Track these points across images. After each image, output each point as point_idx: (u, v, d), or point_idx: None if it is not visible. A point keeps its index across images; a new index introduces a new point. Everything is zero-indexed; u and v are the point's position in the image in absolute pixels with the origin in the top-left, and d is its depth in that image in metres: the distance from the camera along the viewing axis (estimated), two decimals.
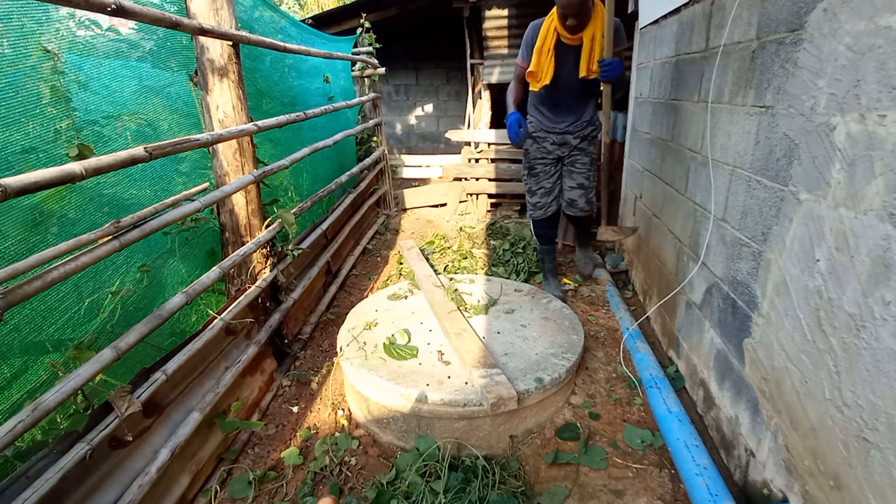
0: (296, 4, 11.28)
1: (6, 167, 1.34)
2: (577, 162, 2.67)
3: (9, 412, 1.30)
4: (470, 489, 1.55)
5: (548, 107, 2.62)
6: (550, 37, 2.34)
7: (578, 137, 2.62)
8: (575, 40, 2.31)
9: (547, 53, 2.37)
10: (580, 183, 2.68)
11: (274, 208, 2.29)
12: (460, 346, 1.94)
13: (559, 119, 2.60)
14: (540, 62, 2.39)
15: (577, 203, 2.72)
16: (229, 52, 1.89)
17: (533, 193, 2.79)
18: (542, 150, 2.69)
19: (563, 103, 2.56)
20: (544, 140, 2.67)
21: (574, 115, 2.58)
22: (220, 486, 1.67)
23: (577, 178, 2.69)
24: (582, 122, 2.59)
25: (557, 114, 2.60)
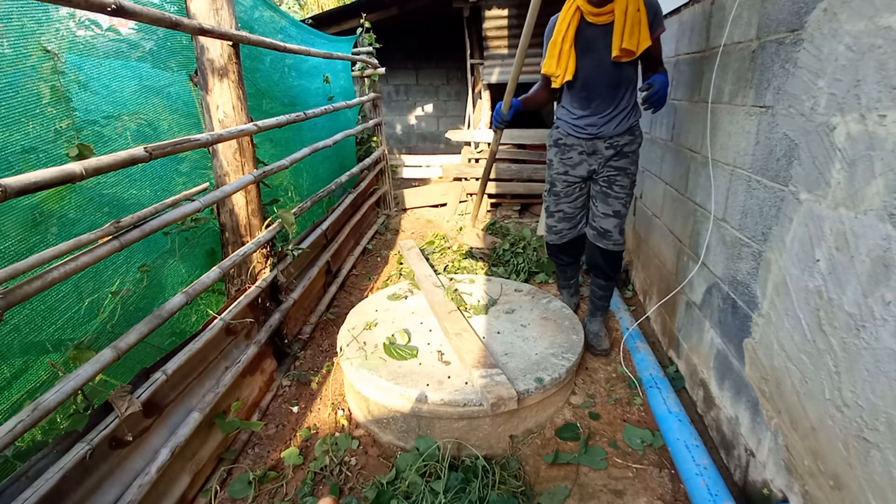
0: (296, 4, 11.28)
1: (6, 167, 1.34)
2: (614, 184, 2.12)
3: (9, 412, 1.29)
4: (470, 489, 1.55)
5: (575, 103, 2.13)
6: (571, 21, 1.92)
7: (613, 148, 2.08)
8: (603, 16, 1.88)
9: (564, 43, 1.96)
10: (616, 210, 2.14)
11: (274, 208, 2.29)
12: (460, 346, 1.94)
13: (589, 117, 2.09)
14: (557, 55, 1.98)
15: (610, 234, 2.18)
16: (229, 52, 1.89)
17: (550, 214, 2.32)
18: (567, 162, 2.19)
19: (592, 98, 2.06)
20: (570, 149, 2.16)
21: (608, 114, 2.06)
22: (220, 486, 1.67)
23: (614, 205, 2.14)
24: (619, 124, 2.05)
25: (586, 110, 2.09)
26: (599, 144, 2.09)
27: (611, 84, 2.00)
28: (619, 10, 1.82)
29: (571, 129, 2.15)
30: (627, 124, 2.06)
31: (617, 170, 2.11)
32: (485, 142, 4.94)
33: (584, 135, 2.11)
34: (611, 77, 1.98)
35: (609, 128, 2.06)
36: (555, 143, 2.24)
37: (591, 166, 2.15)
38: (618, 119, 2.05)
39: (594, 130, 2.08)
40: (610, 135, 2.07)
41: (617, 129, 2.05)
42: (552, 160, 2.26)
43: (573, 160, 2.18)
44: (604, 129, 2.07)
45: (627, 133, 2.08)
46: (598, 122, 2.07)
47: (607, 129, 2.06)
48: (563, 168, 2.21)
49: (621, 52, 1.84)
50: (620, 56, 1.86)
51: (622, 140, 2.08)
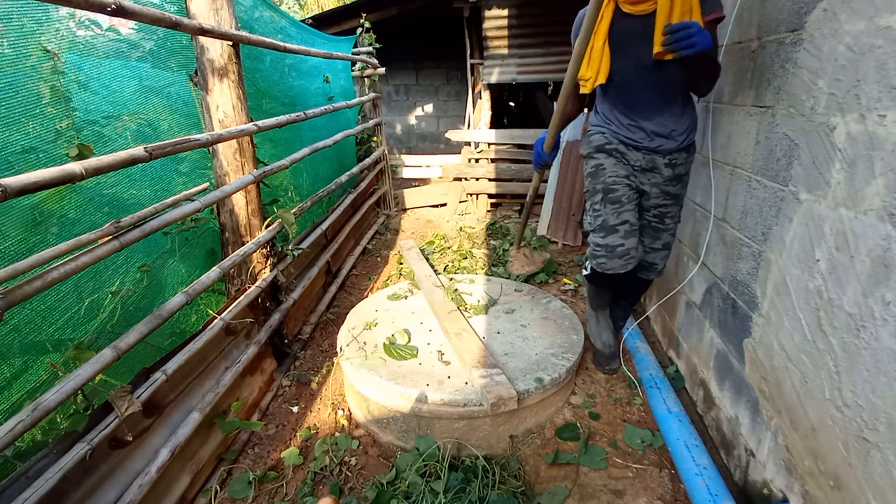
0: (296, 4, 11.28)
1: (6, 167, 1.34)
2: (667, 216, 1.82)
3: (9, 412, 1.29)
4: (470, 489, 1.55)
5: (617, 110, 1.75)
6: (604, 12, 1.56)
7: (672, 167, 1.72)
8: (643, 4, 1.52)
9: (596, 39, 1.59)
10: (667, 243, 1.89)
11: (274, 208, 2.29)
12: (460, 346, 1.94)
13: (637, 129, 1.71)
14: (588, 55, 1.60)
15: (656, 267, 1.94)
16: (229, 52, 1.89)
17: (609, 230, 1.76)
18: (625, 164, 1.76)
19: (633, 106, 1.70)
20: (622, 156, 1.77)
21: (661, 124, 1.67)
22: (220, 486, 1.67)
23: (665, 237, 1.87)
24: (679, 137, 1.69)
25: (632, 119, 1.72)
26: (659, 161, 1.71)
27: (655, 89, 1.64)
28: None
29: (623, 136, 1.74)
30: (688, 138, 1.70)
31: (671, 198, 1.78)
32: (485, 142, 4.94)
33: (643, 145, 1.71)
34: (654, 80, 1.61)
35: (670, 142, 1.68)
36: (599, 150, 1.79)
37: (642, 184, 1.77)
38: (678, 130, 1.68)
39: (649, 143, 1.70)
40: (671, 150, 1.69)
41: (681, 143, 1.69)
42: (601, 164, 1.78)
43: (632, 164, 1.77)
44: (663, 142, 1.68)
45: (684, 148, 1.71)
46: (653, 133, 1.68)
47: (668, 144, 1.68)
48: (624, 171, 1.75)
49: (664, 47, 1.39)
50: (664, 53, 1.42)
51: (680, 158, 1.71)
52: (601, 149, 1.80)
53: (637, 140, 1.72)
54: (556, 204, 4.06)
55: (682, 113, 1.68)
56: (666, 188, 1.77)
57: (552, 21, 4.44)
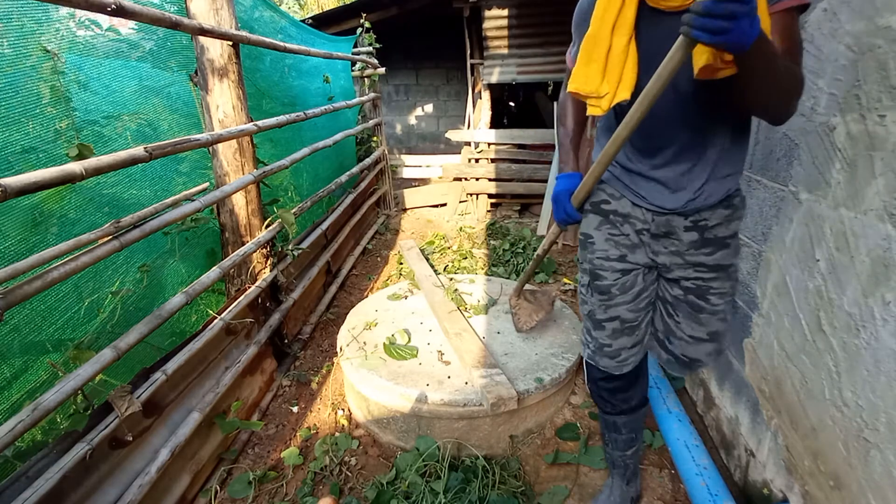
0: (296, 4, 11.28)
1: (6, 167, 1.34)
2: (708, 291, 1.21)
3: (9, 412, 1.29)
4: (470, 489, 1.55)
5: (631, 147, 1.20)
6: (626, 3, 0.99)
7: (699, 228, 1.17)
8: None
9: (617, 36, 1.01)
10: (714, 332, 1.25)
11: (274, 208, 2.29)
12: (460, 346, 1.94)
13: (650, 180, 1.18)
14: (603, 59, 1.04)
15: (700, 364, 1.31)
16: (229, 52, 1.89)
17: (596, 325, 1.33)
18: (621, 241, 1.26)
19: (657, 143, 1.14)
20: (624, 221, 1.24)
21: (688, 173, 1.13)
22: (220, 486, 1.67)
23: (711, 323, 1.24)
24: (709, 190, 1.13)
25: (647, 161, 1.17)
26: (677, 222, 1.17)
27: (691, 123, 1.06)
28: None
29: (624, 189, 1.23)
30: (724, 190, 1.12)
31: (710, 270, 1.18)
32: (485, 142, 4.94)
33: (648, 204, 1.18)
34: (691, 111, 1.05)
35: (697, 198, 1.12)
36: (594, 207, 1.29)
37: (656, 255, 1.23)
38: (714, 181, 1.11)
39: (663, 202, 1.15)
40: (696, 209, 1.13)
41: (708, 198, 1.12)
42: (591, 236, 1.30)
43: (629, 241, 1.24)
44: (686, 201, 1.13)
45: (723, 205, 1.14)
46: (672, 184, 1.13)
47: (696, 202, 1.12)
48: (617, 251, 1.25)
49: (718, 62, 0.86)
50: (713, 69, 0.87)
51: (713, 217, 1.15)
52: (595, 207, 1.28)
53: (646, 196, 1.17)
54: None
55: (726, 155, 1.10)
56: (695, 258, 1.18)
57: (552, 21, 4.44)
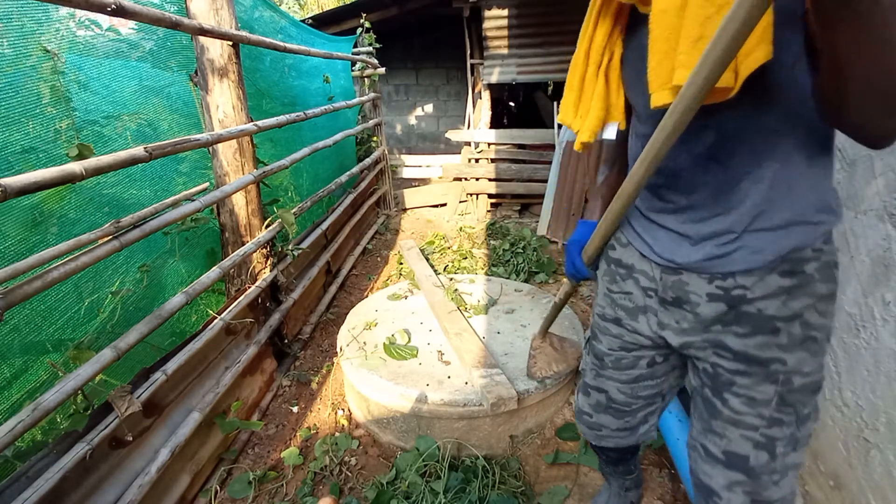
0: (296, 4, 11.28)
1: (6, 167, 1.34)
2: (729, 388, 0.84)
3: (9, 412, 1.30)
4: (470, 489, 1.55)
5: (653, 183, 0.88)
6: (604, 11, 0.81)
7: (728, 301, 0.81)
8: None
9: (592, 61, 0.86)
10: (732, 454, 0.85)
11: (274, 208, 2.29)
12: (460, 346, 1.94)
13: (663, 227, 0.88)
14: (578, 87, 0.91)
15: (713, 496, 0.89)
16: (229, 52, 1.89)
17: (584, 387, 1.15)
18: (619, 300, 1.00)
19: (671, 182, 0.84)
20: (627, 275, 0.97)
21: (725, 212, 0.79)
22: (220, 486, 1.67)
23: (730, 437, 0.85)
24: (757, 237, 0.77)
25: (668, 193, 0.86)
26: (695, 285, 0.84)
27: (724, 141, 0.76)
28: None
29: (631, 233, 0.96)
30: (782, 246, 0.77)
31: (738, 358, 0.83)
32: (485, 142, 4.94)
33: (655, 256, 0.89)
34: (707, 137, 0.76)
35: (728, 254, 0.80)
36: (607, 258, 1.04)
37: (662, 329, 0.92)
38: (751, 231, 0.78)
39: (674, 252, 0.86)
40: (727, 271, 0.81)
41: (749, 257, 0.79)
42: (598, 288, 1.09)
43: (630, 302, 0.97)
44: (705, 252, 0.82)
45: (781, 270, 0.78)
46: (693, 231, 0.83)
47: (727, 259, 0.80)
48: (612, 311, 1.02)
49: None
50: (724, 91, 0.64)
51: (759, 287, 0.79)
52: (603, 252, 1.05)
53: (652, 245, 0.89)
54: (556, 204, 4.06)
55: (788, 190, 0.75)
56: (717, 336, 0.84)
57: (552, 21, 4.45)
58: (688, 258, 0.83)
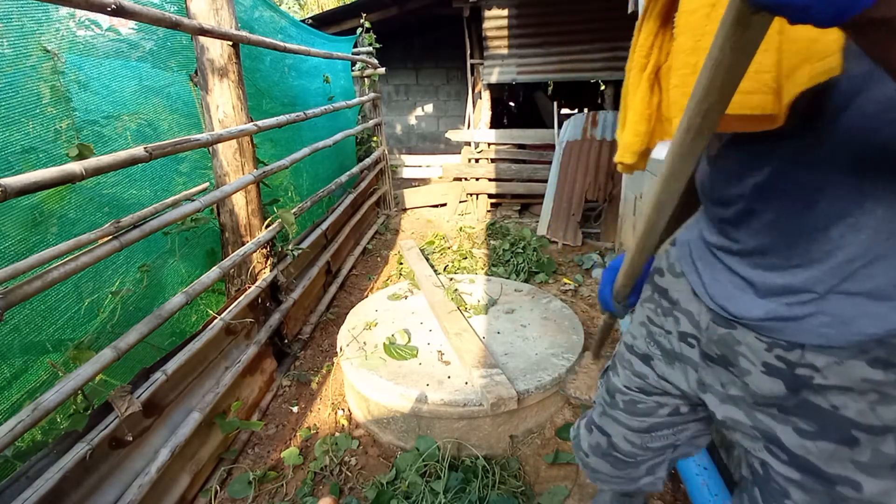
0: (296, 4, 11.28)
1: (6, 167, 1.34)
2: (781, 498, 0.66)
3: (9, 412, 1.29)
4: (470, 489, 1.55)
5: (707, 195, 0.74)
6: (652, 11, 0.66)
7: (804, 378, 0.60)
8: None
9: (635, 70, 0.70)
10: None
11: (274, 208, 2.29)
12: (460, 346, 1.94)
13: (741, 258, 0.67)
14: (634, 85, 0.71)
15: None
16: (229, 52, 1.89)
17: (588, 423, 1.05)
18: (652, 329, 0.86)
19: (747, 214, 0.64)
20: (670, 310, 0.81)
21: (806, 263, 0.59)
22: (220, 486, 1.67)
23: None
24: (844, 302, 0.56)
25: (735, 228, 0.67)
26: (748, 345, 0.66)
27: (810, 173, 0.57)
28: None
29: (688, 263, 0.78)
30: (876, 322, 0.55)
31: (793, 463, 0.64)
32: (485, 142, 4.94)
33: (708, 300, 0.72)
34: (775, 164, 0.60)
35: (799, 319, 0.60)
36: (652, 274, 0.89)
37: (702, 390, 0.77)
38: (836, 293, 0.57)
39: (728, 299, 0.68)
40: (793, 340, 0.61)
41: (830, 328, 0.57)
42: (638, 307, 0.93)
43: (667, 344, 0.82)
44: (769, 309, 0.62)
45: (872, 357, 0.55)
46: (760, 280, 0.64)
47: (795, 324, 0.60)
48: (645, 345, 0.87)
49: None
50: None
51: (835, 373, 0.58)
52: (652, 275, 0.89)
53: (707, 286, 0.72)
54: (556, 204, 4.06)
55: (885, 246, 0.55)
56: (768, 425, 0.67)
57: (552, 21, 4.45)
58: (747, 311, 0.64)
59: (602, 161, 3.94)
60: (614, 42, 4.28)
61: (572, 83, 5.03)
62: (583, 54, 4.47)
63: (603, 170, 3.91)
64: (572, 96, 6.45)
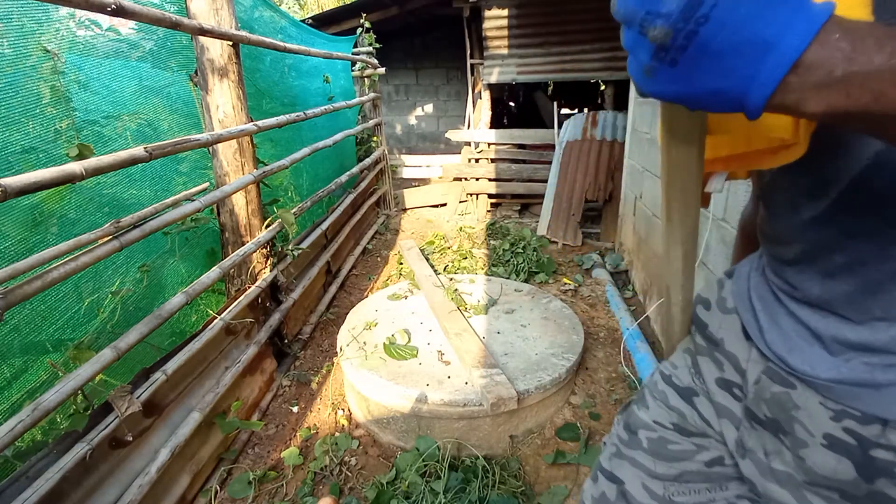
0: (296, 4, 11.28)
1: (6, 167, 1.34)
2: None
3: (9, 412, 1.29)
4: (470, 489, 1.55)
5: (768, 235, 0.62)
6: None
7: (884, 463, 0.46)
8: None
9: None
10: None
11: (274, 208, 2.29)
12: (460, 346, 1.94)
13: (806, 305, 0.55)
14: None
15: None
16: (229, 52, 1.89)
17: (594, 468, 0.84)
18: (679, 376, 0.74)
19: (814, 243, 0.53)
20: (710, 350, 0.69)
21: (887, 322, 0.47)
22: (220, 486, 1.67)
23: None
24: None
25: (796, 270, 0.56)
26: (809, 409, 0.52)
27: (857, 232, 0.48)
28: None
29: (742, 300, 0.65)
30: None
31: None
32: (485, 142, 4.94)
33: (765, 346, 0.58)
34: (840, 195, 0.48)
35: (878, 392, 0.47)
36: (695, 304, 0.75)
37: (741, 453, 0.63)
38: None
39: (789, 351, 0.55)
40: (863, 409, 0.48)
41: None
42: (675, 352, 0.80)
43: (703, 393, 0.70)
44: (839, 369, 0.50)
45: None
46: (825, 331, 0.52)
47: (868, 394, 0.48)
48: (689, 377, 0.73)
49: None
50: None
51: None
52: (698, 314, 0.74)
53: (765, 332, 0.60)
54: (556, 204, 4.06)
55: None
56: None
57: (552, 21, 4.45)
58: (812, 368, 0.52)
59: (602, 161, 3.94)
60: (614, 42, 4.28)
61: (572, 83, 5.03)
62: (583, 54, 4.47)
63: (603, 170, 3.91)
64: (572, 96, 6.45)
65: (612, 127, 4.06)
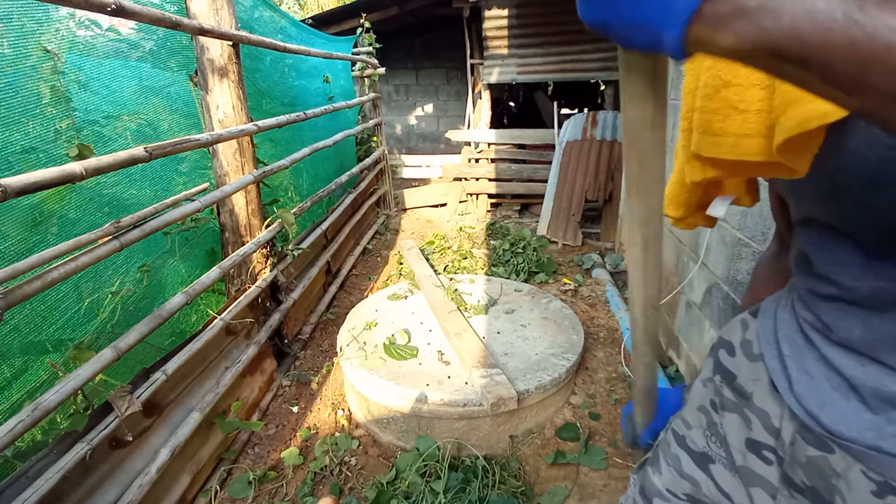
0: (296, 4, 11.28)
1: (6, 167, 1.34)
2: None
3: (9, 412, 1.29)
4: (470, 489, 1.55)
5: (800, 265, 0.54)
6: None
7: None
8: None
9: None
10: None
11: (274, 208, 2.29)
12: (460, 346, 1.94)
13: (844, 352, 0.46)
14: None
15: None
16: (229, 52, 1.89)
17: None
18: (692, 438, 0.66)
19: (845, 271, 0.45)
20: (738, 404, 0.58)
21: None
22: (220, 486, 1.67)
23: None
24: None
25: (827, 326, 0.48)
26: (857, 485, 0.43)
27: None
28: None
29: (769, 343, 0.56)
30: None
31: None
32: (485, 142, 4.94)
33: (795, 403, 0.49)
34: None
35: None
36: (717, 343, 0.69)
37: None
38: None
39: (822, 406, 0.47)
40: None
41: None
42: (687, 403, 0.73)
43: (723, 456, 0.61)
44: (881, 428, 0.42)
45: None
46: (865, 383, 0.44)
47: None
48: (704, 439, 0.64)
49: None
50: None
51: None
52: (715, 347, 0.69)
53: (795, 385, 0.50)
54: (556, 204, 4.06)
55: None
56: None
57: (552, 21, 4.44)
58: (847, 428, 0.44)
59: (602, 161, 3.94)
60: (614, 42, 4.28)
61: (572, 83, 5.03)
62: (583, 54, 4.47)
63: (603, 170, 3.91)
64: (572, 96, 6.45)
65: (612, 127, 4.06)
